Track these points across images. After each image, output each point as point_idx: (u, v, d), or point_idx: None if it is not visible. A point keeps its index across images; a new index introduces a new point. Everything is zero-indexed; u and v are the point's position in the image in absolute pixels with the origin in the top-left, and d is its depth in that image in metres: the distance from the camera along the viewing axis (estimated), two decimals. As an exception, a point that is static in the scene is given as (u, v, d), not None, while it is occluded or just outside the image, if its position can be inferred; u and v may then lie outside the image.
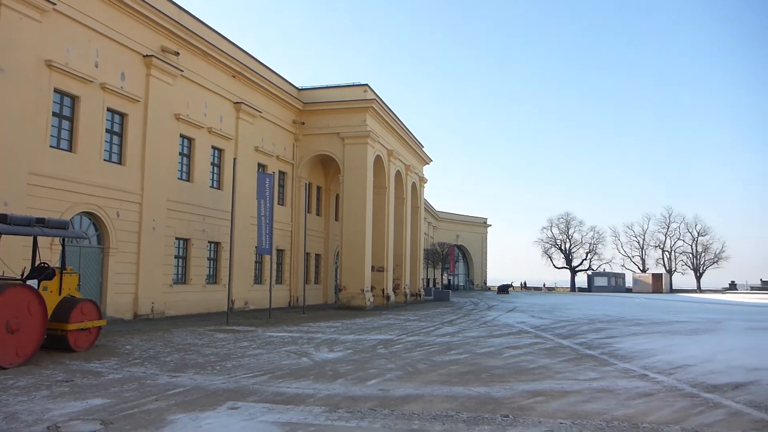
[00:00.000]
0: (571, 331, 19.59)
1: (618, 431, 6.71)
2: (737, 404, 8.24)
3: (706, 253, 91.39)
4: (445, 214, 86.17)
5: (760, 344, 16.63)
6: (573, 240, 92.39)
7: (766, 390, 9.30)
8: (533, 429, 6.75)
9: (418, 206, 47.60)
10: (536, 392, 8.93)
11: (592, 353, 13.85)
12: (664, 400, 8.53)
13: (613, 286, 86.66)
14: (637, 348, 14.93)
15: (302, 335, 17.04)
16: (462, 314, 28.61)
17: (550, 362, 12.28)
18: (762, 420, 7.34)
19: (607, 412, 7.68)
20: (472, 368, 11.30)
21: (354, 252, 32.70)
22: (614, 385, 9.69)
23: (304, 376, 10.05)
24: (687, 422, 7.17)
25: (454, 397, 8.45)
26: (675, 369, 11.47)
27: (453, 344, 15.42)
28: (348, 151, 33.20)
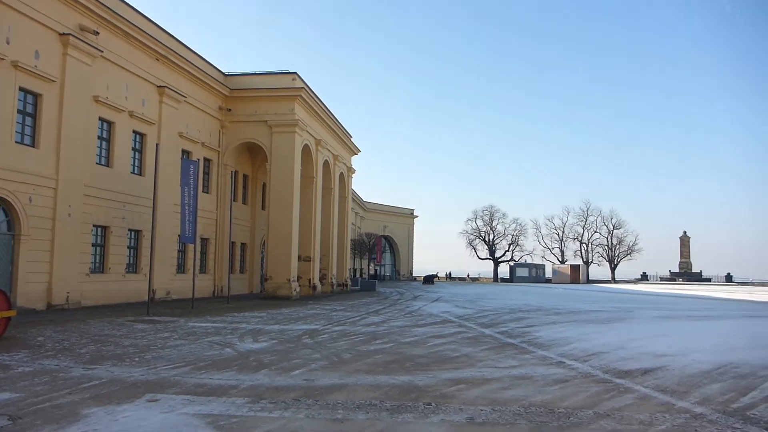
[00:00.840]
0: (493, 321, 20.11)
1: (535, 416, 6.95)
2: (646, 389, 8.69)
3: (620, 246, 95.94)
4: (372, 205, 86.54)
5: (668, 332, 17.57)
6: (496, 232, 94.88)
7: (672, 375, 9.85)
8: (454, 416, 6.89)
9: (345, 196, 47.59)
10: (458, 380, 9.12)
11: (512, 342, 14.27)
12: (579, 386, 8.89)
13: (533, 276, 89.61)
14: (555, 336, 15.49)
15: (226, 325, 16.76)
16: (388, 304, 28.87)
17: (473, 351, 12.58)
18: (667, 403, 7.77)
19: (525, 398, 7.93)
20: (396, 357, 11.43)
21: (280, 241, 32.38)
22: (532, 372, 10.02)
23: (227, 367, 9.89)
24: (599, 407, 7.50)
25: (379, 386, 8.53)
26: (589, 356, 11.98)
27: (378, 334, 15.55)
28: (276, 140, 32.76)
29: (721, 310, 28.13)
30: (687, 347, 13.37)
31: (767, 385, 9.03)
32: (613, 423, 6.70)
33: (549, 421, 6.73)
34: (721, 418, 6.97)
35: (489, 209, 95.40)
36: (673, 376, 9.70)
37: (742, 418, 6.97)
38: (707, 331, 17.82)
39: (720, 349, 13.15)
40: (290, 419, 6.60)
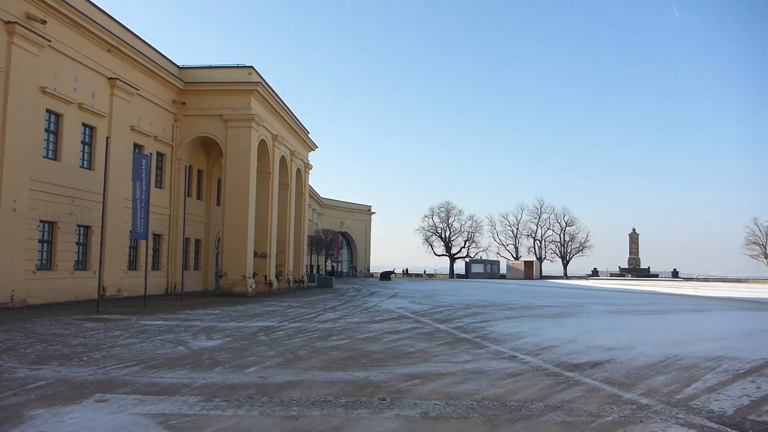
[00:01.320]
0: (449, 316, 20.32)
1: (487, 410, 7.06)
2: (594, 381, 8.92)
3: (572, 242, 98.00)
4: (329, 201, 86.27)
5: (616, 326, 18.04)
6: (452, 228, 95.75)
7: (620, 368, 10.13)
8: (409, 411, 6.95)
9: (302, 192, 47.31)
10: (413, 375, 9.20)
11: (466, 337, 14.45)
12: (531, 379, 9.06)
13: (488, 272, 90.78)
14: (508, 331, 15.75)
15: (179, 323, 16.49)
16: (344, 300, 28.86)
17: (428, 346, 12.68)
18: (615, 395, 7.99)
19: (478, 392, 8.05)
20: (352, 353, 11.44)
21: (236, 237, 32.01)
22: (486, 366, 10.17)
23: (179, 366, 9.74)
24: (550, 399, 7.67)
25: (334, 383, 8.53)
26: (541, 350, 12.22)
27: (334, 330, 15.53)
28: (231, 134, 32.34)
29: (667, 304, 29.02)
30: (634, 341, 13.75)
31: (709, 376, 9.37)
32: (563, 415, 6.87)
33: (501, 414, 6.85)
34: (665, 409, 7.21)
35: (445, 206, 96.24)
36: (621, 369, 9.98)
37: (685, 409, 7.23)
38: (654, 325, 18.37)
39: (665, 342, 13.57)
40: (244, 417, 6.55)
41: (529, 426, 6.42)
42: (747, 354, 11.65)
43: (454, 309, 23.74)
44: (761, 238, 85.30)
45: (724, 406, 7.36)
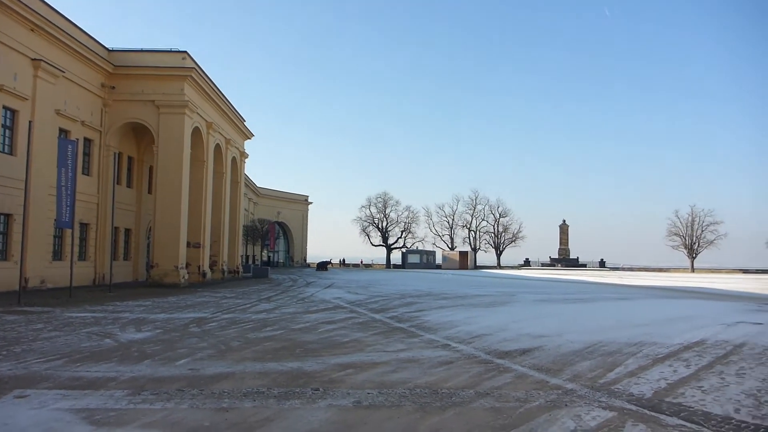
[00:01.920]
0: (384, 306, 20.45)
1: (419, 398, 7.17)
2: (523, 368, 9.18)
3: (505, 233, 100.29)
4: (266, 191, 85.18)
5: (546, 314, 18.59)
6: (389, 219, 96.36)
7: (548, 354, 10.46)
8: (342, 400, 6.98)
9: (238, 181, 46.54)
10: (347, 365, 9.23)
11: (401, 326, 14.59)
12: (463, 367, 9.25)
13: (424, 262, 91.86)
14: (442, 320, 15.99)
15: (107, 315, 15.98)
16: (280, 291, 28.62)
17: (363, 336, 12.74)
18: (542, 380, 8.25)
19: (411, 380, 8.15)
20: (286, 344, 11.38)
21: (168, 227, 31.20)
22: (419, 355, 10.31)
23: (106, 359, 9.44)
24: (480, 386, 7.85)
25: (267, 374, 8.46)
26: (474, 338, 12.47)
27: (269, 321, 15.39)
28: (163, 121, 31.43)
29: (594, 293, 30.12)
30: (562, 328, 14.21)
31: (631, 361, 9.79)
32: (492, 401, 7.04)
33: (432, 402, 6.97)
34: (589, 393, 7.49)
35: (383, 197, 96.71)
36: (549, 356, 10.31)
37: (608, 392, 7.54)
38: (581, 313, 19.02)
39: (591, 329, 14.08)
40: (173, 410, 6.42)
41: (460, 413, 6.55)
42: (665, 339, 12.23)
43: (390, 299, 23.92)
44: (682, 230, 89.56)
45: (644, 390, 7.71)
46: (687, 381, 8.27)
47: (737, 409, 6.80)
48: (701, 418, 6.38)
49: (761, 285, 41.97)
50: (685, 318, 16.99)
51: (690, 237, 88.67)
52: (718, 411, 6.69)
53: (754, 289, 35.69)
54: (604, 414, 6.54)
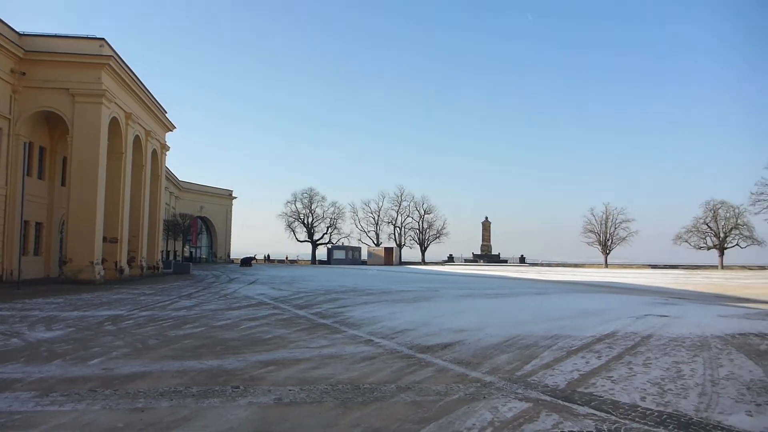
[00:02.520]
0: (308, 302, 20.34)
1: (341, 393, 7.18)
2: (444, 362, 9.35)
3: (430, 229, 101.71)
4: (188, 185, 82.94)
5: (467, 309, 18.99)
6: (315, 215, 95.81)
7: (468, 348, 10.70)
8: (262, 398, 6.90)
9: (158, 174, 45.08)
10: (269, 362, 9.13)
11: (325, 322, 14.56)
12: (385, 362, 9.33)
13: (350, 258, 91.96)
14: (366, 316, 16.07)
15: (14, 313, 15.16)
16: (202, 287, 27.96)
17: (286, 332, 12.64)
18: (462, 374, 8.44)
19: (333, 376, 8.16)
20: (206, 341, 11.14)
21: (83, 221, 29.85)
22: (342, 351, 10.32)
23: (12, 359, 8.96)
24: (402, 381, 7.94)
25: (185, 372, 8.26)
26: (396, 333, 12.60)
27: (189, 318, 15.02)
28: (79, 110, 30.02)
29: (514, 288, 31.03)
30: (482, 323, 14.57)
31: (546, 353, 10.16)
32: (413, 395, 7.15)
33: (354, 397, 7.00)
34: (506, 385, 7.72)
35: (308, 192, 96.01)
36: (469, 350, 10.55)
37: (524, 384, 7.79)
38: (501, 308, 19.55)
39: (510, 323, 14.50)
40: (84, 412, 6.17)
41: (381, 407, 6.61)
42: (579, 332, 12.76)
43: (315, 295, 23.81)
44: (596, 227, 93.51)
45: (558, 381, 8.02)
46: (598, 371, 8.66)
47: (643, 397, 7.18)
48: (610, 407, 6.70)
49: (668, 280, 44.43)
50: (597, 311, 17.76)
51: (604, 234, 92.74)
52: (626, 399, 7.04)
53: (661, 284, 37.75)
54: (520, 405, 6.75)
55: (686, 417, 6.33)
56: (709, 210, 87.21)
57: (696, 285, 37.21)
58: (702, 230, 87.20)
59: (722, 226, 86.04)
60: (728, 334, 12.65)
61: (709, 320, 15.51)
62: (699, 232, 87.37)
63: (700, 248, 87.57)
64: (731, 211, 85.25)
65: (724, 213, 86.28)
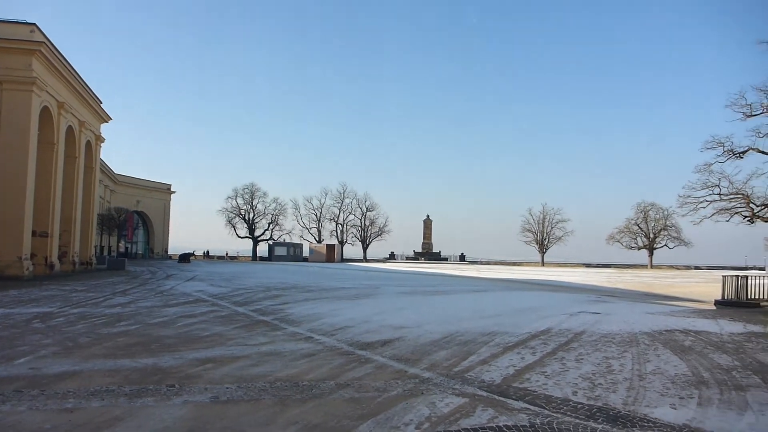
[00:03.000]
0: (248, 299, 20.09)
1: (280, 391, 7.14)
2: (384, 359, 9.41)
3: (372, 227, 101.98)
4: (125, 178, 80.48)
5: (408, 306, 19.15)
6: (257, 211, 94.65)
7: (407, 345, 10.80)
8: (198, 396, 6.79)
9: (92, 167, 43.55)
10: (206, 360, 8.98)
11: (265, 319, 14.42)
12: (325, 359, 9.32)
13: (291, 255, 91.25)
14: (307, 313, 15.99)
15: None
16: (137, 284, 27.21)
17: (224, 329, 12.45)
18: (401, 370, 8.51)
19: (272, 373, 8.10)
20: (141, 339, 10.86)
21: (10, 214, 28.56)
22: (282, 348, 10.25)
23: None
24: (341, 377, 7.96)
25: (118, 371, 8.04)
26: (337, 330, 12.59)
27: (123, 315, 14.60)
28: (7, 98, 28.68)
29: (453, 285, 31.46)
30: (422, 319, 14.73)
31: (484, 349, 10.36)
32: (352, 392, 7.17)
33: (292, 395, 6.97)
34: (444, 381, 7.84)
35: (250, 188, 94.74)
36: (408, 346, 10.65)
37: (462, 380, 7.93)
38: (440, 305, 19.79)
39: (449, 320, 14.71)
40: (8, 413, 5.92)
41: (319, 404, 6.61)
42: (516, 329, 13.06)
43: (255, 292, 23.53)
44: (534, 226, 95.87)
45: (494, 376, 8.19)
46: (533, 367, 8.89)
47: (575, 391, 7.41)
48: (543, 401, 6.89)
49: (601, 278, 45.96)
50: (533, 309, 18.21)
51: (541, 233, 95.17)
52: (558, 394, 7.26)
53: (594, 282, 39.03)
54: (457, 400, 6.87)
55: (615, 410, 6.58)
56: (640, 211, 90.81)
57: (627, 283, 38.65)
58: (633, 231, 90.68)
59: (652, 228, 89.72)
60: (655, 331, 13.20)
61: (638, 317, 16.15)
62: (630, 233, 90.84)
63: (632, 248, 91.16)
64: (661, 213, 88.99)
65: (654, 215, 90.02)
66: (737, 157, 22.22)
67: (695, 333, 12.96)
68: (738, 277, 21.65)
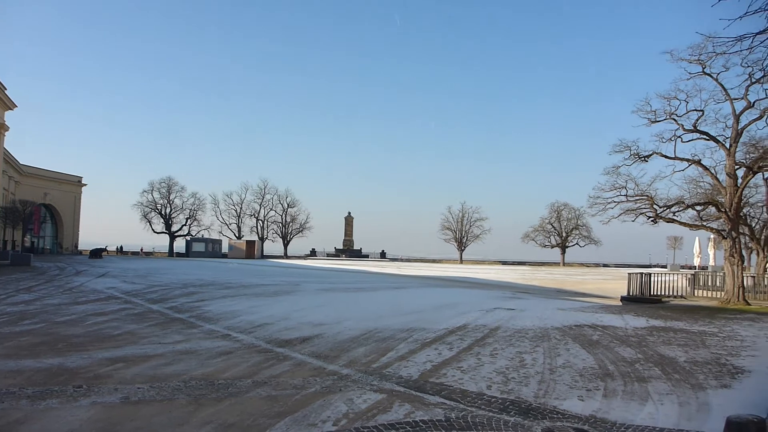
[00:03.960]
0: (163, 296, 19.48)
1: (194, 390, 6.98)
2: (302, 356, 9.37)
3: (293, 223, 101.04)
4: (31, 169, 76.13)
5: (327, 303, 19.11)
6: (174, 205, 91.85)
7: (326, 342, 10.79)
8: (108, 397, 6.54)
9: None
10: (117, 359, 8.66)
11: (180, 316, 14.03)
12: (242, 356, 9.18)
13: (210, 251, 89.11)
14: (225, 310, 15.68)
15: None
16: (44, 280, 25.83)
17: (137, 327, 12.03)
18: (320, 367, 8.50)
19: (186, 372, 7.90)
20: (47, 338, 10.34)
21: None
22: (197, 346, 10.01)
23: None
24: (258, 375, 7.86)
25: (20, 372, 7.63)
26: (255, 328, 12.42)
27: (28, 313, 13.84)
28: None
29: (374, 282, 31.62)
30: (342, 316, 14.74)
31: (402, 346, 10.49)
32: (269, 389, 7.10)
33: (208, 393, 6.83)
34: (362, 377, 7.89)
35: (167, 182, 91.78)
36: (327, 343, 10.65)
37: (380, 376, 8.00)
38: (360, 302, 19.87)
39: (368, 317, 14.79)
40: None
41: (235, 403, 6.51)
42: (433, 325, 13.30)
43: (170, 288, 22.84)
44: (453, 225, 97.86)
45: (411, 372, 8.32)
46: (449, 362, 9.09)
47: (489, 385, 7.64)
48: (459, 396, 7.06)
49: (516, 275, 47.42)
50: (451, 305, 18.59)
51: (460, 231, 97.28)
52: (473, 388, 7.46)
53: (510, 279, 40.25)
54: (374, 396, 6.94)
55: (526, 403, 6.83)
56: (553, 211, 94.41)
57: (540, 280, 40.09)
58: (547, 230, 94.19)
59: (564, 227, 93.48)
60: (566, 326, 13.77)
61: (550, 313, 16.79)
62: (545, 232, 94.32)
63: (545, 246, 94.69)
64: (573, 213, 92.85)
65: (566, 214, 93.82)
66: (642, 160, 23.43)
67: (602, 328, 13.61)
68: (642, 274, 22.91)
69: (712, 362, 9.54)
